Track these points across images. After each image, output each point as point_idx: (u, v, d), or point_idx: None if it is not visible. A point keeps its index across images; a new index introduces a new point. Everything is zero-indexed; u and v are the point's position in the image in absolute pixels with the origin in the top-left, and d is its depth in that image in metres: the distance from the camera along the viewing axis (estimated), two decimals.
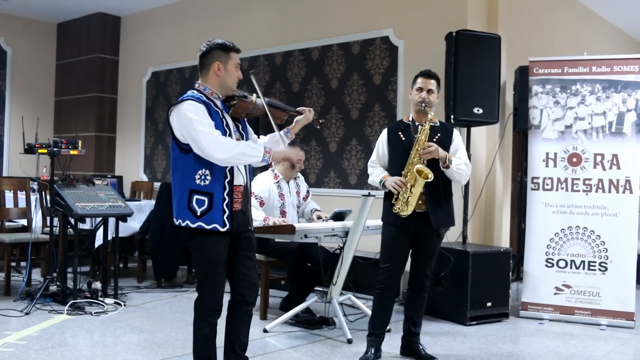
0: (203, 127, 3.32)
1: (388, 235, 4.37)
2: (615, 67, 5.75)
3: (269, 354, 4.48)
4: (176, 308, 5.83)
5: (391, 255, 4.34)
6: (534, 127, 5.94)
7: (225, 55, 3.53)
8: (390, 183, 4.24)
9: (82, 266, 5.99)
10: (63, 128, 10.24)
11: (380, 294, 4.39)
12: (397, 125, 4.51)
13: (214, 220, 3.38)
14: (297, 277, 5.42)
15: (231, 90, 3.58)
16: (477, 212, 6.37)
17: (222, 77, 3.52)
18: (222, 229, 3.38)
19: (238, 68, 3.58)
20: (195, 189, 3.39)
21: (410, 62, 6.64)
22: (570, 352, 4.74)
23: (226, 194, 3.42)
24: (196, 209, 3.38)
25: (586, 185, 5.74)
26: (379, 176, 4.37)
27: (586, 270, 5.69)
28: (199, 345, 3.53)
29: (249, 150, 3.38)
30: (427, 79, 4.37)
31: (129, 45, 10.02)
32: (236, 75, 3.56)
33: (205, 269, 3.47)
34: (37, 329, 4.91)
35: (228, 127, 3.49)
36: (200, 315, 3.49)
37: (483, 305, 5.54)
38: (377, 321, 4.42)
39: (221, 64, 3.51)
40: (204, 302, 3.48)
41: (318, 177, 7.37)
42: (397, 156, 4.35)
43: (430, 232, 4.31)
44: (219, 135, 3.34)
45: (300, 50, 7.65)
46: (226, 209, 3.40)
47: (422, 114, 4.35)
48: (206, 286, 3.47)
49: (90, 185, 6.06)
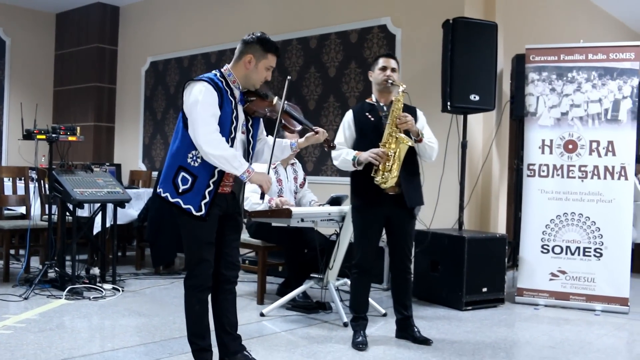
0: (205, 113, 3.33)
1: (360, 219, 4.43)
2: (611, 55, 5.77)
3: (265, 336, 4.52)
4: (174, 293, 5.87)
5: (365, 238, 4.41)
6: (530, 114, 5.97)
7: (263, 53, 3.51)
8: (369, 155, 4.25)
9: (80, 254, 6.02)
10: (62, 118, 10.24)
11: (357, 278, 4.46)
12: (361, 106, 4.55)
13: (190, 201, 3.40)
14: (294, 263, 5.46)
15: (253, 86, 3.58)
16: (473, 199, 6.41)
17: (249, 71, 3.51)
18: (196, 213, 3.39)
19: (269, 70, 3.57)
20: (184, 166, 3.41)
21: (408, 50, 6.67)
22: (564, 336, 4.78)
23: (212, 182, 3.41)
24: (179, 185, 3.41)
25: (582, 172, 5.77)
26: (351, 154, 4.35)
27: (581, 256, 5.72)
28: (190, 322, 3.58)
29: (233, 161, 3.34)
30: (389, 58, 4.47)
31: (127, 35, 10.04)
32: (264, 76, 3.55)
33: (192, 248, 3.50)
34: (36, 313, 4.95)
35: (237, 119, 3.49)
36: (189, 293, 3.54)
37: (479, 290, 5.57)
38: (358, 304, 4.48)
39: (254, 59, 3.50)
40: (193, 279, 3.52)
41: (315, 165, 7.40)
42: (368, 136, 4.38)
43: (403, 213, 4.37)
44: (215, 130, 3.33)
45: (298, 39, 7.67)
46: (207, 195, 3.40)
47: (385, 93, 4.44)
48: (194, 264, 3.50)
49: (88, 172, 6.09)
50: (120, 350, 4.04)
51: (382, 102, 4.47)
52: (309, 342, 4.40)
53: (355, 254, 4.45)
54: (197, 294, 3.52)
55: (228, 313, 3.67)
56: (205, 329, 3.58)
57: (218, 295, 3.65)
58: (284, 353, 4.10)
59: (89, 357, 3.89)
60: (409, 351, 4.24)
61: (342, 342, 4.41)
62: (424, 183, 5.69)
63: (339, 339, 4.48)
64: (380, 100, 4.47)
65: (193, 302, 3.53)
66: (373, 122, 4.40)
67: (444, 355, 4.16)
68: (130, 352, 4.03)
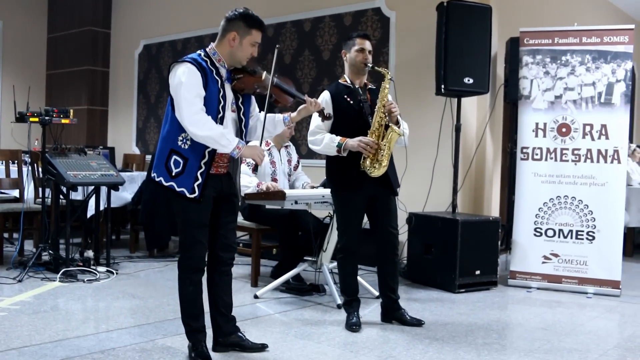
0: (189, 94, 3.32)
1: (343, 203, 4.38)
2: (605, 38, 5.77)
3: (259, 318, 4.54)
4: (168, 276, 5.88)
5: (349, 221, 4.38)
6: (524, 97, 5.97)
7: (246, 29, 3.49)
8: (358, 144, 4.20)
9: (74, 238, 6.02)
10: (55, 101, 10.20)
11: (344, 260, 4.45)
12: (336, 88, 4.44)
13: (183, 184, 3.40)
14: (287, 245, 5.47)
15: (239, 64, 3.55)
16: (467, 183, 6.42)
17: (234, 48, 3.49)
18: (189, 195, 3.40)
19: (255, 46, 3.53)
20: (175, 149, 3.42)
21: (402, 33, 6.66)
22: (556, 318, 4.81)
23: (203, 162, 3.41)
24: (172, 168, 3.42)
25: (575, 155, 5.78)
26: (335, 140, 4.26)
27: (574, 240, 5.75)
28: (184, 304, 3.60)
29: (221, 139, 3.34)
30: (366, 39, 4.42)
31: (121, 18, 9.98)
32: (250, 52, 3.52)
33: (186, 230, 3.51)
34: (30, 295, 4.95)
35: (224, 97, 3.47)
36: (183, 274, 3.56)
37: (472, 273, 5.60)
38: (349, 287, 4.47)
39: (238, 36, 3.48)
40: (187, 261, 3.53)
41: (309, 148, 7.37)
42: (348, 121, 4.32)
43: (386, 192, 4.38)
44: (200, 110, 3.33)
45: (292, 22, 7.64)
46: (199, 176, 3.40)
47: (360, 75, 4.41)
48: (188, 246, 3.51)
49: (82, 155, 6.08)
50: (114, 332, 4.06)
51: (357, 84, 4.42)
52: (303, 324, 4.42)
53: (340, 238, 4.43)
54: (190, 275, 3.54)
55: (223, 294, 3.70)
56: (199, 310, 3.60)
57: (214, 276, 3.67)
58: (277, 335, 4.12)
59: (83, 338, 3.90)
60: (402, 332, 4.26)
61: (335, 324, 4.43)
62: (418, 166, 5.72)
63: (333, 321, 4.50)
64: (355, 82, 4.42)
65: (187, 284, 3.55)
66: (353, 106, 4.35)
67: (437, 336, 4.19)
68: (124, 333, 4.04)
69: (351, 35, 4.50)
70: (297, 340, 4.01)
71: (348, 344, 3.97)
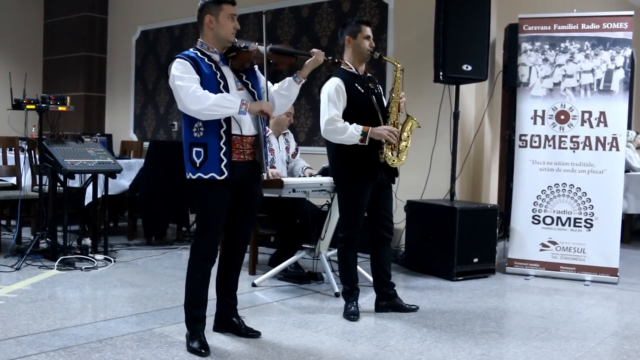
0: (182, 81, 3.41)
1: (354, 192, 4.30)
2: (604, 25, 5.74)
3: (257, 306, 4.54)
4: (166, 264, 5.88)
5: (357, 211, 4.34)
6: (522, 84, 5.95)
7: (217, 7, 3.53)
8: (383, 133, 4.16)
9: (72, 225, 6.00)
10: (52, 88, 10.14)
11: (346, 249, 4.42)
12: (345, 75, 4.31)
13: (210, 169, 3.46)
14: (285, 233, 5.47)
15: (227, 41, 3.57)
16: (465, 170, 6.41)
17: (214, 29, 3.54)
18: (220, 177, 3.45)
19: (233, 19, 3.56)
20: (193, 142, 3.51)
21: (401, 19, 6.62)
22: (554, 305, 4.82)
23: (222, 143, 3.46)
24: (195, 160, 3.49)
25: (573, 143, 5.77)
26: (359, 128, 4.15)
27: (572, 227, 5.75)
28: (189, 290, 3.64)
29: (223, 102, 3.39)
30: (369, 26, 4.37)
31: (117, 4, 9.92)
32: (231, 26, 3.55)
33: (203, 217, 3.58)
34: (28, 283, 4.95)
35: (223, 78, 3.52)
36: (194, 260, 3.62)
37: (470, 261, 5.60)
38: (348, 276, 4.45)
39: (212, 16, 3.53)
40: (199, 248, 3.60)
41: (308, 135, 7.38)
42: (359, 109, 4.25)
43: (387, 179, 4.38)
44: (196, 89, 3.39)
45: (290, 8, 7.59)
46: (223, 157, 3.46)
47: (363, 63, 4.37)
48: (202, 233, 3.58)
49: (79, 142, 6.05)
50: (112, 321, 4.06)
51: (360, 71, 4.37)
52: (301, 312, 4.42)
53: (344, 227, 4.38)
54: (199, 262, 3.60)
55: (228, 280, 3.82)
56: (202, 299, 3.63)
57: (224, 262, 3.79)
58: (275, 324, 4.12)
59: (81, 327, 3.90)
60: (400, 321, 4.27)
61: (333, 312, 4.44)
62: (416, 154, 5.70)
63: (331, 309, 4.51)
64: (357, 69, 4.36)
65: (195, 270, 3.61)
66: (364, 95, 4.30)
67: (434, 325, 4.19)
68: (122, 322, 4.04)
69: (352, 21, 4.40)
70: (294, 329, 4.02)
71: (346, 333, 3.98)
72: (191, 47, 3.62)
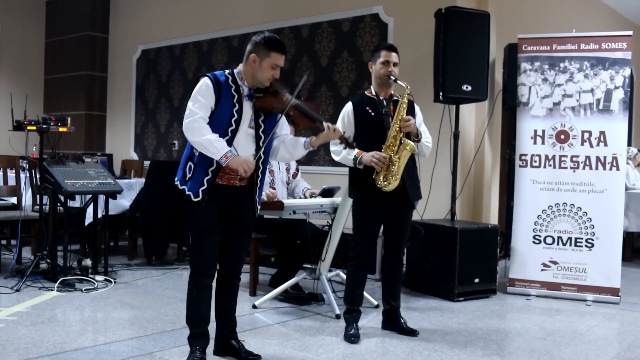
0: (194, 104, 3.54)
1: (361, 213, 4.39)
2: (603, 44, 5.77)
3: (258, 329, 4.52)
4: (166, 285, 5.86)
5: (365, 232, 4.39)
6: (522, 104, 5.97)
7: (265, 51, 3.60)
8: (370, 159, 4.21)
9: (72, 244, 6.00)
10: (53, 106, 10.18)
11: (354, 270, 4.45)
12: (361, 99, 4.45)
13: (192, 188, 3.57)
14: (286, 254, 5.46)
15: (261, 84, 3.64)
16: (465, 190, 6.41)
17: (254, 69, 3.62)
18: (194, 199, 3.55)
19: (275, 68, 3.63)
20: (190, 156, 3.63)
21: (400, 39, 6.63)
22: (555, 326, 4.80)
23: (210, 170, 3.55)
24: (186, 173, 3.61)
25: (573, 162, 5.77)
26: (352, 153, 4.26)
27: (573, 247, 5.74)
28: (187, 307, 3.72)
29: (209, 146, 3.46)
30: (392, 52, 4.41)
31: (119, 23, 9.97)
32: (270, 74, 3.62)
33: (192, 235, 3.69)
34: (27, 306, 4.93)
35: (239, 112, 3.58)
36: (190, 278, 3.70)
37: (471, 281, 5.58)
38: (354, 297, 4.47)
39: (258, 58, 3.61)
40: (192, 266, 3.70)
41: (308, 154, 7.31)
42: (368, 132, 4.32)
43: (404, 205, 4.38)
44: (198, 118, 3.50)
45: (290, 27, 7.63)
46: (205, 183, 3.55)
47: (385, 87, 4.40)
48: (195, 250, 3.66)
49: (79, 163, 6.06)
50: (112, 344, 4.04)
51: (382, 95, 4.41)
52: (302, 334, 4.41)
53: (354, 247, 4.41)
54: (194, 280, 3.67)
55: (224, 301, 3.83)
56: (200, 316, 3.67)
57: (218, 284, 3.81)
58: (276, 347, 4.10)
59: (81, 351, 3.88)
60: (401, 343, 4.25)
61: (334, 334, 4.42)
62: None
63: (331, 331, 4.49)
64: (380, 94, 4.41)
65: (191, 288, 3.68)
66: (374, 117, 4.34)
67: (435, 347, 4.17)
68: (122, 345, 4.02)
69: (378, 47, 4.52)
70: (295, 352, 4.00)
71: (347, 356, 3.96)
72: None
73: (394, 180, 4.20)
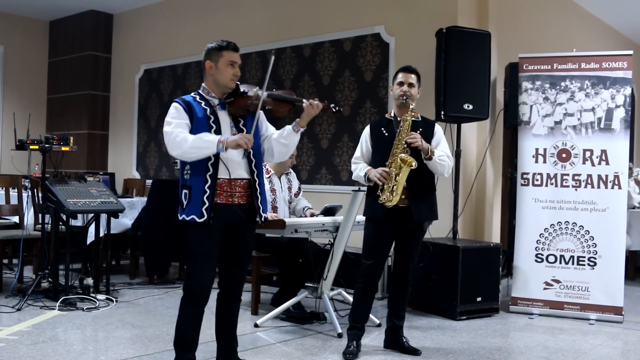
0: (169, 127, 3.51)
1: (371, 231, 4.43)
2: (604, 64, 5.79)
3: (260, 348, 4.51)
4: (168, 304, 5.85)
5: (374, 250, 4.40)
6: (523, 123, 5.98)
7: (217, 53, 3.60)
8: (374, 174, 4.28)
9: (74, 263, 5.99)
10: (55, 126, 10.23)
11: (361, 288, 4.45)
12: (379, 121, 4.58)
13: (192, 211, 3.51)
14: (288, 273, 5.45)
15: (227, 87, 3.61)
16: (467, 208, 6.41)
17: (214, 74, 3.61)
18: (199, 220, 3.48)
19: (233, 65, 3.60)
20: (182, 184, 3.58)
21: (402, 58, 6.66)
22: (558, 345, 4.78)
23: (207, 187, 3.49)
24: (183, 201, 3.55)
25: (575, 181, 5.78)
26: (363, 170, 4.40)
27: (575, 265, 5.73)
28: (177, 332, 3.66)
29: (200, 143, 3.43)
30: (408, 73, 4.46)
31: (121, 43, 10.03)
32: (230, 73, 3.59)
33: (189, 259, 3.61)
34: (29, 325, 4.92)
35: (216, 122, 3.56)
36: (182, 304, 3.63)
37: (473, 300, 5.57)
38: (358, 315, 4.48)
39: (212, 62, 3.60)
40: (186, 291, 3.63)
41: (310, 173, 7.40)
42: (380, 151, 4.40)
43: (412, 226, 4.37)
44: (177, 134, 3.46)
45: (292, 47, 7.67)
46: (206, 201, 3.49)
47: (403, 108, 4.41)
48: (190, 274, 3.61)
49: (82, 182, 6.06)
50: None
51: (400, 117, 4.43)
52: (304, 353, 4.39)
53: (363, 265, 4.42)
54: (186, 306, 3.61)
55: (224, 322, 3.79)
56: (188, 343, 3.63)
57: (219, 305, 3.77)
58: None
59: None
60: None
61: (336, 353, 4.40)
62: None
63: (334, 350, 4.47)
64: (399, 115, 4.44)
65: (182, 314, 3.63)
66: (387, 137, 4.40)
67: None
68: None
69: (398, 70, 4.58)
70: None
71: None
72: (194, 89, 3.67)
73: (394, 196, 4.21)
